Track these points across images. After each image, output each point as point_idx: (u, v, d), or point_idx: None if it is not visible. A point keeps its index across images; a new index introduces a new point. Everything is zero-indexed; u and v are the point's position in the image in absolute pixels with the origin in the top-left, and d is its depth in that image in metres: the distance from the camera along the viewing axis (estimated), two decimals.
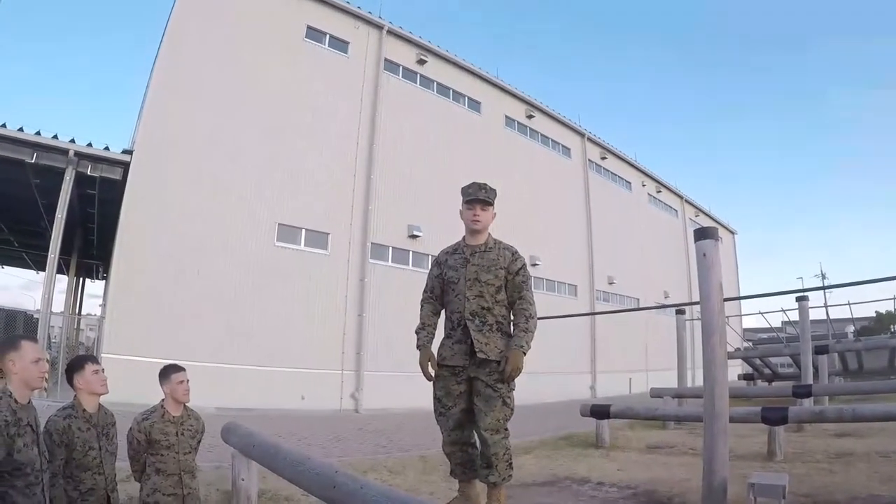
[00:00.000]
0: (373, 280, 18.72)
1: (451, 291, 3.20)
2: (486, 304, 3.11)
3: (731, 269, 43.87)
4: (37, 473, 2.58)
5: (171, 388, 3.80)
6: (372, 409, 17.54)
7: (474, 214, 3.23)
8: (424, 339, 3.17)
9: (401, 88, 21.15)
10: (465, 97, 23.69)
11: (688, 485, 7.17)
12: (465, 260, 3.20)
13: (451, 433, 3.15)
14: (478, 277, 3.14)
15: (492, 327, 3.09)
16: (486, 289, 3.13)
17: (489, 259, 3.19)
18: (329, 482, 4.34)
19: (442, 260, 3.31)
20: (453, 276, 3.19)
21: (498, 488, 3.03)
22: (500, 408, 3.00)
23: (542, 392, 20.50)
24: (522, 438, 11.11)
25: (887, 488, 6.50)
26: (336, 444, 10.82)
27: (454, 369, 3.09)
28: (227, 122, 16.36)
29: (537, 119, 27.18)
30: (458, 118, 23.18)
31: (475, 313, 3.09)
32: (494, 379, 3.01)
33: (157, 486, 3.65)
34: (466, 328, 3.08)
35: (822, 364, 17.46)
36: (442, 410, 3.14)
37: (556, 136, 28.65)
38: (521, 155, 25.93)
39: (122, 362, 12.43)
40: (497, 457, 2.98)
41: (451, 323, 3.17)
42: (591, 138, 30.57)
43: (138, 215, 14.59)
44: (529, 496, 7.06)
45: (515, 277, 3.22)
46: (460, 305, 3.12)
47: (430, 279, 3.34)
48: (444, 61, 22.83)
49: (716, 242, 6.70)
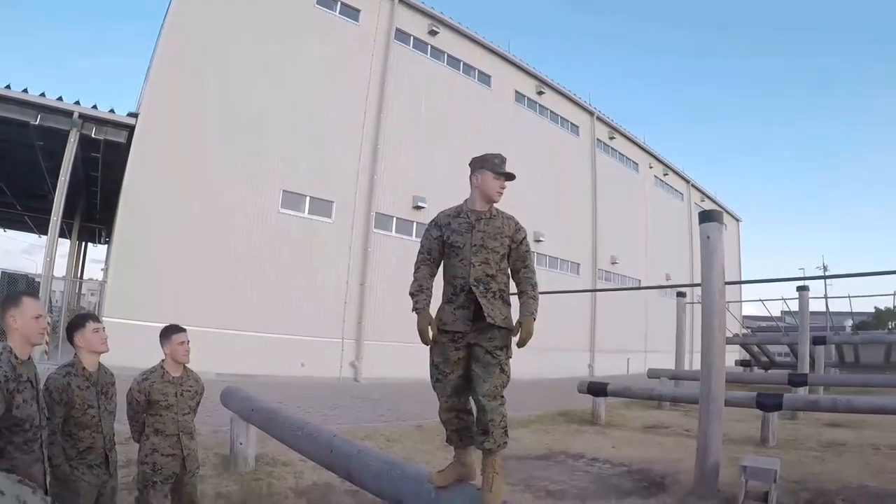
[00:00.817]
0: (376, 250, 18.73)
1: (453, 256, 3.17)
2: (490, 271, 3.10)
3: (734, 255, 43.74)
4: (35, 430, 2.59)
5: (171, 349, 3.80)
6: (371, 378, 17.66)
7: (502, 186, 3.23)
8: (423, 302, 3.14)
9: (411, 59, 20.91)
10: (476, 70, 23.44)
11: (681, 465, 7.25)
12: (470, 225, 3.17)
13: (448, 399, 3.15)
14: (484, 244, 3.12)
15: (495, 294, 3.08)
16: (491, 256, 3.11)
17: (495, 227, 3.17)
18: (326, 446, 4.39)
19: (443, 223, 3.26)
20: (458, 241, 3.16)
21: (493, 455, 3.04)
22: (498, 375, 3.00)
23: (541, 368, 20.61)
24: (520, 413, 11.21)
25: (877, 480, 6.57)
26: (334, 412, 10.93)
27: (454, 335, 3.08)
28: (233, 87, 16.21)
29: (547, 95, 26.91)
30: (467, 91, 22.94)
31: (480, 280, 3.07)
32: (494, 346, 3.01)
33: (155, 447, 3.67)
34: (470, 294, 3.06)
35: (818, 354, 17.55)
36: (439, 377, 3.14)
37: (566, 113, 28.41)
38: (530, 131, 25.71)
39: (123, 326, 12.47)
40: (494, 423, 2.99)
41: (453, 288, 3.15)
42: (600, 117, 30.31)
43: (142, 179, 14.54)
44: (525, 469, 7.15)
45: (520, 247, 3.21)
46: (465, 271, 3.10)
47: (428, 241, 3.27)
48: (456, 33, 22.55)
49: (720, 226, 6.70)
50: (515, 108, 25.35)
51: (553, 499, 5.80)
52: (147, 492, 3.63)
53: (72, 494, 3.06)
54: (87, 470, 3.17)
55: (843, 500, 5.71)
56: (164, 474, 3.66)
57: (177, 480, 3.75)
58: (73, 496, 3.07)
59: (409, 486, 3.40)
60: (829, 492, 6.05)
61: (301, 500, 5.31)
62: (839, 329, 25.13)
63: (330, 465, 4.37)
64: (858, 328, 26.10)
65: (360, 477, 3.89)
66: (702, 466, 6.25)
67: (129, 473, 5.13)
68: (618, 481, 6.74)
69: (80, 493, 3.11)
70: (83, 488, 3.13)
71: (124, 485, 4.83)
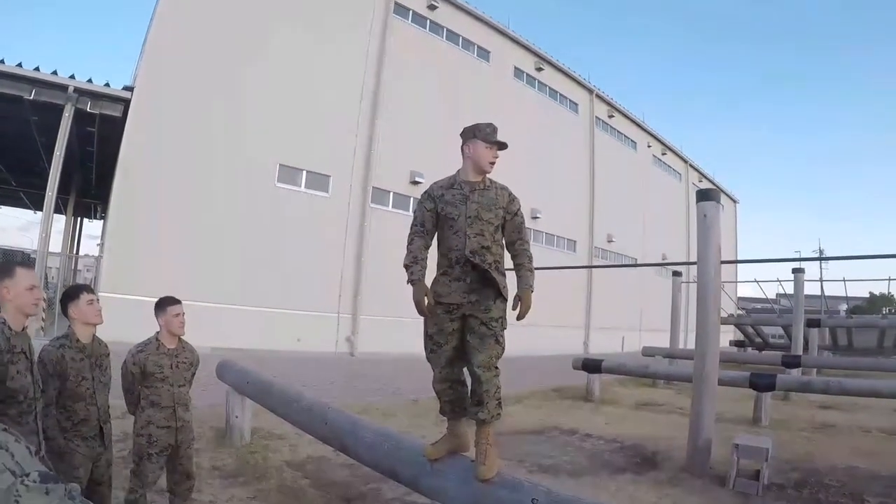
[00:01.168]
0: (372, 224, 18.71)
1: (448, 228, 3.16)
2: (485, 242, 3.10)
3: (731, 236, 43.84)
4: (30, 402, 2.58)
5: (167, 321, 3.79)
6: (367, 352, 17.76)
7: (495, 155, 3.21)
8: (419, 273, 3.13)
9: (410, 33, 20.68)
10: (475, 46, 23.20)
11: (674, 442, 7.31)
12: (464, 197, 3.16)
13: (443, 370, 3.17)
14: (479, 215, 3.11)
15: (491, 266, 3.08)
16: (486, 227, 3.11)
17: (489, 198, 3.16)
18: (321, 419, 4.42)
19: (437, 195, 3.24)
20: (452, 213, 3.15)
21: (487, 427, 3.06)
22: (493, 346, 3.02)
23: (536, 344, 20.74)
24: (514, 388, 11.28)
25: (866, 462, 6.65)
26: (330, 387, 10.98)
27: (449, 307, 3.09)
28: (229, 61, 16.02)
29: (546, 72, 26.71)
30: (466, 66, 22.74)
31: (475, 251, 3.07)
32: (490, 317, 3.02)
33: (151, 419, 3.67)
34: (465, 266, 3.07)
35: (812, 337, 17.67)
36: (434, 348, 3.15)
37: (565, 90, 28.21)
38: (529, 107, 25.56)
39: (119, 301, 12.46)
40: (488, 394, 3.02)
41: (448, 260, 3.15)
42: (599, 95, 30.11)
43: (138, 153, 14.41)
44: (518, 443, 7.21)
45: (514, 218, 3.20)
46: (460, 243, 3.09)
47: (421, 213, 3.25)
48: (456, 8, 22.28)
49: (717, 205, 6.69)
50: (514, 84, 25.17)
51: (546, 473, 5.85)
52: (143, 464, 3.64)
53: (67, 466, 3.05)
54: (81, 442, 3.17)
55: (833, 481, 5.77)
56: (159, 446, 3.67)
57: (172, 452, 3.77)
58: (68, 468, 3.06)
59: (404, 458, 3.43)
60: (820, 472, 6.13)
61: (296, 472, 5.35)
62: (833, 313, 25.25)
63: (324, 438, 4.40)
64: (853, 312, 26.21)
65: (354, 449, 3.92)
66: (694, 443, 6.30)
67: (126, 448, 5.17)
68: (610, 457, 6.81)
69: (74, 465, 3.11)
70: (78, 460, 3.13)
71: (120, 458, 4.87)
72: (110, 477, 3.45)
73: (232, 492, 4.63)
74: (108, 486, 3.42)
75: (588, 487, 5.26)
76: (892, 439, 8.27)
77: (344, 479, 5.26)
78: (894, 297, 38.24)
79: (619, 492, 5.32)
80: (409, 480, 3.38)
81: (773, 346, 24.05)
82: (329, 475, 5.36)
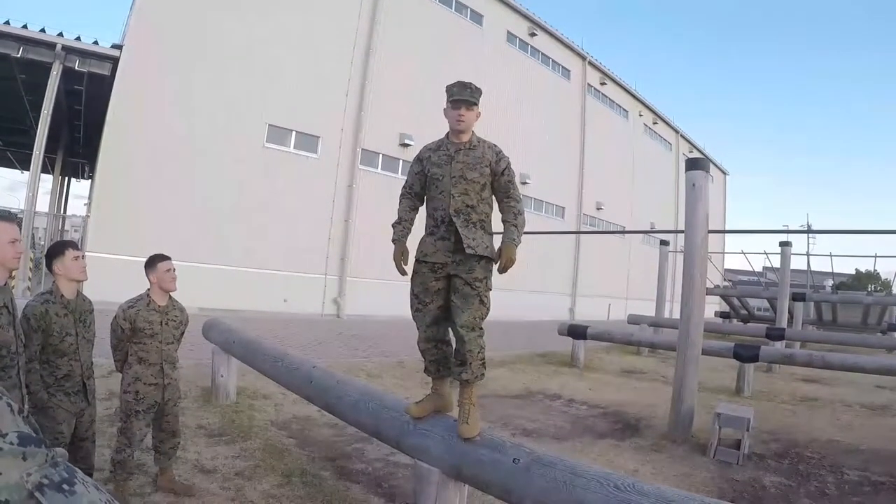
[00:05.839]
0: (361, 186, 18.60)
1: (434, 188, 3.18)
2: (470, 201, 3.10)
3: (720, 208, 43.92)
4: (12, 356, 2.56)
5: (158, 277, 3.77)
6: (354, 314, 17.86)
7: (459, 115, 3.15)
8: (400, 233, 3.18)
9: None
10: (468, 9, 22.82)
11: (656, 409, 7.44)
12: (449, 157, 3.16)
13: (427, 329, 3.20)
14: (463, 175, 3.11)
15: (476, 225, 3.09)
16: (471, 186, 3.11)
17: (474, 157, 3.15)
18: (306, 378, 4.44)
19: (424, 156, 3.26)
20: (437, 174, 3.15)
21: (470, 386, 3.10)
22: (477, 306, 3.04)
23: (522, 310, 20.90)
24: (500, 352, 11.39)
25: (845, 435, 6.78)
26: (316, 348, 11.03)
27: (434, 266, 3.11)
28: (220, 19, 15.66)
29: (539, 38, 26.36)
30: (459, 30, 22.39)
31: (460, 210, 3.08)
32: (474, 277, 3.04)
33: (138, 376, 3.68)
34: (450, 225, 3.07)
35: (797, 311, 17.89)
36: (419, 307, 3.17)
37: (558, 57, 27.90)
38: (521, 72, 25.28)
39: (106, 261, 12.41)
40: (472, 354, 3.04)
41: (434, 220, 3.16)
42: (592, 62, 29.80)
43: (126, 112, 14.15)
44: (501, 406, 7.31)
45: (501, 177, 3.19)
46: (444, 203, 3.10)
47: (410, 175, 3.30)
48: None
49: (706, 174, 6.70)
50: (507, 49, 24.83)
51: (529, 437, 5.93)
52: (130, 421, 3.65)
53: (49, 421, 3.06)
54: (64, 397, 3.17)
55: (813, 453, 5.89)
56: (146, 403, 3.68)
57: (158, 410, 3.79)
58: (51, 423, 3.08)
59: (387, 417, 3.47)
60: (800, 443, 6.24)
61: (281, 432, 5.39)
62: (819, 287, 25.52)
63: (309, 397, 4.43)
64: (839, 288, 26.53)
65: (338, 408, 3.95)
66: (676, 411, 6.40)
67: (112, 406, 5.19)
68: (593, 422, 6.91)
69: (57, 420, 3.12)
70: (60, 415, 3.14)
71: (106, 417, 4.89)
72: (94, 433, 3.45)
73: (217, 450, 4.66)
74: (91, 442, 3.43)
75: (570, 452, 5.33)
76: (872, 414, 8.41)
77: (328, 439, 5.32)
78: (880, 275, 38.63)
79: (600, 457, 5.40)
80: (393, 439, 3.42)
81: (758, 318, 24.34)
82: (314, 435, 5.41)
